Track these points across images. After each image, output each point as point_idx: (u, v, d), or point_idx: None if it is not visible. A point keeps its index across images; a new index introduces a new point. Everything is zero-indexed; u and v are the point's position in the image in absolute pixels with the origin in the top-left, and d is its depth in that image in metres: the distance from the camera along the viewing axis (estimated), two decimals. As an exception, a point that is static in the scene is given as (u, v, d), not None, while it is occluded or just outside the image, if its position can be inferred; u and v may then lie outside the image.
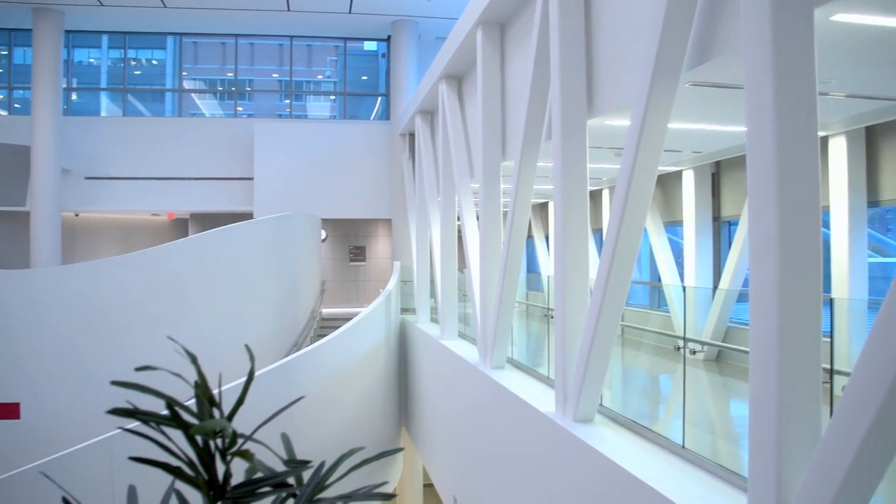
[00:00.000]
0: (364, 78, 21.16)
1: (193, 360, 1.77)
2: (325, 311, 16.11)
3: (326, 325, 14.81)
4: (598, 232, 13.66)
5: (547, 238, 17.17)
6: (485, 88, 8.52)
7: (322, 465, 1.84)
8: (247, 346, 1.94)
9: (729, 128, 7.12)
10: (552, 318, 7.18)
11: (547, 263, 17.00)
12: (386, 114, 19.28)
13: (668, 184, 11.29)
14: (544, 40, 6.29)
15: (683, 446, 4.73)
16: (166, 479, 1.81)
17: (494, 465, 7.69)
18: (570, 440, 5.30)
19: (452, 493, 9.94)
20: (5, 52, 20.17)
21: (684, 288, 10.33)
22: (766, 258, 3.12)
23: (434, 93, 11.96)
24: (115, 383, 1.72)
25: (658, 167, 4.69)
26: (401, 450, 2.34)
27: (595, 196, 13.55)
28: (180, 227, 21.70)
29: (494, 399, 7.62)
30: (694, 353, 8.31)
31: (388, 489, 11.70)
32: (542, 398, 6.51)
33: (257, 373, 4.89)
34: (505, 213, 7.96)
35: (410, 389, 13.71)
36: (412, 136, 16.05)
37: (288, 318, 13.48)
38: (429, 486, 12.92)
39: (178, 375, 1.79)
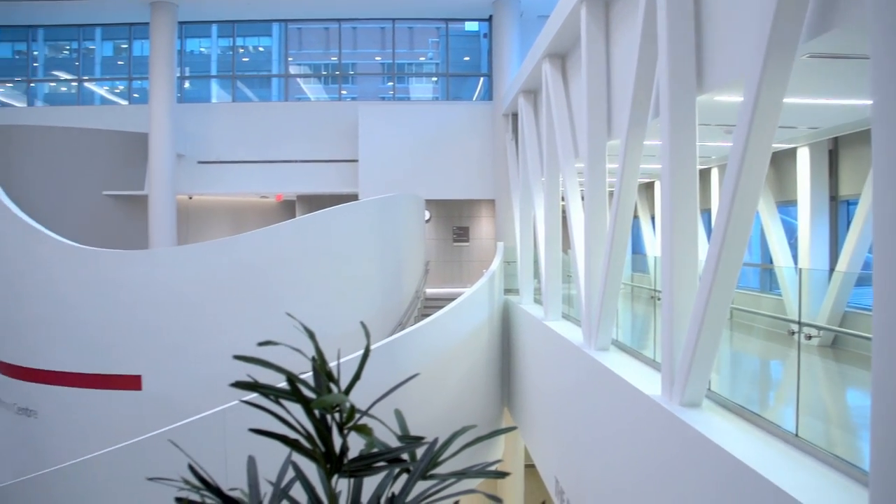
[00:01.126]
0: (466, 59, 21.14)
1: (311, 336, 1.80)
2: (429, 291, 16.27)
3: (430, 305, 14.95)
4: (705, 212, 13.24)
5: (653, 218, 16.77)
6: (589, 66, 8.35)
7: (435, 441, 1.85)
8: (362, 323, 1.97)
9: (850, 101, 6.73)
10: (658, 299, 7.02)
11: (653, 244, 16.62)
12: (488, 94, 19.21)
13: (781, 162, 10.81)
14: (651, 14, 6.10)
15: (797, 435, 4.55)
16: (277, 450, 1.86)
17: (597, 448, 7.61)
18: (676, 425, 5.18)
19: (554, 475, 9.90)
20: (125, 46, 21.20)
21: (799, 270, 9.90)
22: (892, 239, 2.93)
23: (537, 72, 11.82)
24: (237, 357, 1.78)
25: (772, 144, 4.48)
26: (513, 428, 2.34)
27: (703, 175, 13.13)
28: (288, 208, 22.32)
29: (598, 381, 7.52)
30: (810, 338, 7.96)
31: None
32: (647, 381, 6.38)
33: (357, 353, 4.97)
34: (610, 194, 7.81)
35: (513, 370, 13.71)
36: (515, 116, 15.94)
37: (392, 298, 13.68)
38: (530, 467, 12.91)
39: (298, 350, 1.83)
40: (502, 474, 1.84)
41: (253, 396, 1.74)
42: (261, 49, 22.63)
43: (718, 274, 4.80)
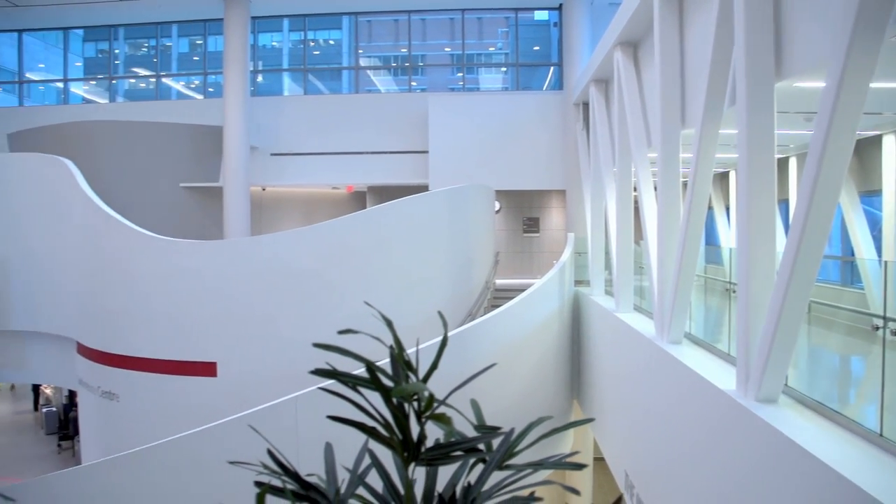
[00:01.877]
0: (536, 48, 20.98)
1: (389, 324, 1.82)
2: (499, 281, 16.24)
3: (500, 296, 14.93)
4: (783, 203, 12.85)
5: (727, 209, 16.38)
6: (663, 53, 8.18)
7: (511, 431, 1.84)
8: (440, 312, 1.98)
9: (940, 86, 6.44)
10: (733, 292, 6.85)
11: (727, 236, 16.24)
12: (559, 83, 19.03)
13: (865, 149, 10.41)
14: (728, -1, 5.94)
15: (881, 434, 4.38)
16: (348, 438, 1.87)
17: (669, 442, 7.49)
18: (751, 420, 5.05)
19: (624, 469, 9.79)
20: (200, 42, 21.77)
21: (884, 263, 9.53)
22: None
23: (609, 60, 11.65)
24: (316, 345, 1.80)
25: (856, 132, 4.31)
26: (591, 420, 2.32)
27: (781, 164, 12.74)
28: (359, 199, 22.56)
29: (671, 374, 7.40)
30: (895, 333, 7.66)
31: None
32: (721, 375, 6.25)
33: (433, 341, 4.97)
34: (684, 184, 7.65)
35: (583, 361, 13.60)
36: (586, 105, 15.76)
37: (462, 288, 13.70)
38: (599, 460, 12.80)
39: (378, 339, 1.85)
40: (579, 466, 1.83)
41: (329, 383, 1.76)
42: (331, 42, 22.91)
43: (797, 267, 4.66)
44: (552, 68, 20.10)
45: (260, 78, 21.50)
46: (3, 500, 4.22)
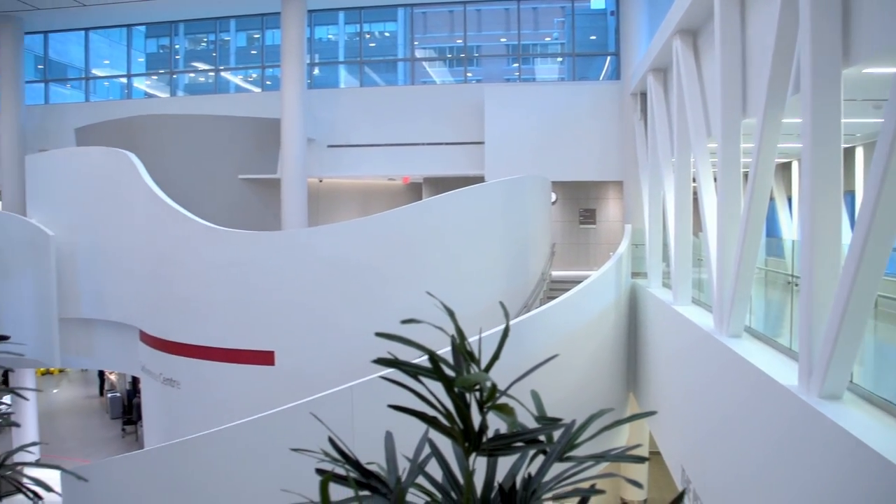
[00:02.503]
0: (592, 38, 20.72)
1: (451, 314, 1.82)
2: (555, 273, 16.13)
3: (556, 288, 14.83)
4: (848, 194, 12.48)
5: (789, 200, 15.98)
6: (723, 40, 8.01)
7: (573, 423, 1.83)
8: (501, 303, 1.98)
9: None
10: (796, 285, 6.69)
11: (789, 227, 15.85)
12: (616, 73, 18.78)
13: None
14: (793, -16, 5.77)
15: (953, 433, 4.24)
16: (405, 426, 1.88)
17: (727, 439, 7.36)
18: (814, 418, 4.93)
19: (680, 464, 9.66)
20: (258, 36, 22.08)
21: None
22: None
23: (667, 49, 11.45)
24: (379, 335, 1.81)
25: (929, 120, 4.15)
26: (653, 413, 2.29)
27: (847, 154, 12.37)
28: (415, 191, 22.62)
29: (730, 369, 7.26)
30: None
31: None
32: (782, 370, 6.11)
33: (492, 330, 4.98)
34: (745, 174, 7.48)
35: (639, 354, 13.45)
36: (644, 95, 15.53)
37: (518, 280, 13.65)
38: (655, 454, 12.64)
39: (441, 329, 1.85)
40: (641, 459, 1.80)
41: (389, 372, 1.78)
42: (386, 34, 22.99)
43: (864, 260, 4.52)
44: (609, 58, 19.83)
45: (316, 71, 21.71)
46: (77, 479, 4.43)
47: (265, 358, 12.63)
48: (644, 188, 14.83)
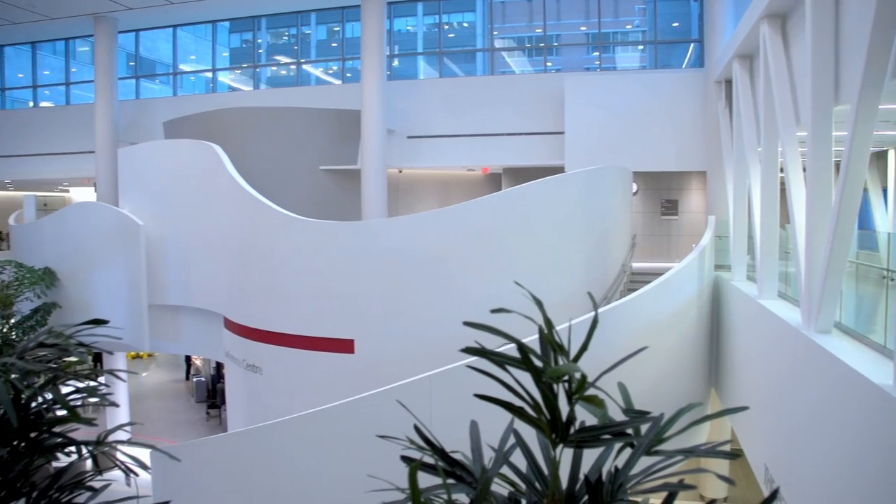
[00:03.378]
0: (675, 24, 20.25)
1: (539, 304, 1.81)
2: (636, 265, 15.89)
3: (636, 280, 14.62)
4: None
5: (885, 191, 15.32)
6: (814, 23, 7.71)
7: (661, 416, 1.80)
8: (590, 293, 1.96)
9: None
10: (891, 280, 6.42)
11: (884, 220, 15.20)
12: (699, 61, 18.33)
13: None
14: (891, -36, 5.51)
15: None
16: (484, 416, 1.87)
17: (814, 438, 7.12)
18: (911, 417, 4.72)
19: (764, 462, 9.41)
20: (338, 29, 22.38)
21: None
22: None
23: (754, 34, 11.11)
24: (466, 324, 1.82)
25: None
26: (745, 408, 2.23)
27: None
28: (494, 181, 22.59)
29: (818, 366, 7.02)
30: None
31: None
32: (875, 368, 5.87)
33: (578, 319, 4.93)
34: (837, 164, 7.20)
35: (722, 348, 13.13)
36: (728, 82, 15.12)
37: (598, 271, 13.48)
38: (736, 451, 12.33)
39: (530, 318, 1.84)
40: (733, 455, 1.76)
41: (471, 360, 1.79)
42: (465, 24, 22.99)
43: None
44: (692, 45, 19.36)
45: (396, 62, 21.86)
46: (170, 458, 4.64)
47: (345, 346, 12.82)
48: (728, 178, 14.45)
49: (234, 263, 15.03)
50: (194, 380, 25.40)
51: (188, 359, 27.61)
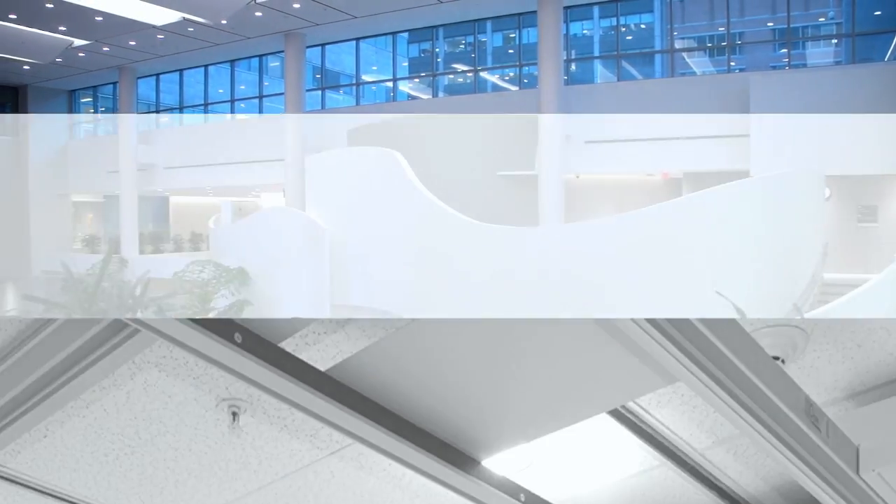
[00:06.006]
0: (877, 13, 18.72)
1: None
2: (827, 276, 14.86)
3: (828, 292, 13.67)
4: None
5: None
6: None
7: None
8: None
9: None
10: None
11: None
12: (905, 53, 16.89)
13: None
14: None
15: None
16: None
17: None
18: None
19: None
20: (514, 35, 22.53)
21: None
22: None
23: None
24: None
25: None
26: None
27: None
28: (673, 187, 21.87)
29: None
30: None
31: None
32: None
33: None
34: None
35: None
36: (940, 76, 13.83)
37: (785, 282, 12.73)
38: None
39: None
40: None
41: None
42: (642, 26, 22.46)
43: None
44: (896, 36, 17.88)
45: (573, 67, 21.68)
46: None
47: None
48: (938, 181, 13.23)
49: (413, 267, 15.39)
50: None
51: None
